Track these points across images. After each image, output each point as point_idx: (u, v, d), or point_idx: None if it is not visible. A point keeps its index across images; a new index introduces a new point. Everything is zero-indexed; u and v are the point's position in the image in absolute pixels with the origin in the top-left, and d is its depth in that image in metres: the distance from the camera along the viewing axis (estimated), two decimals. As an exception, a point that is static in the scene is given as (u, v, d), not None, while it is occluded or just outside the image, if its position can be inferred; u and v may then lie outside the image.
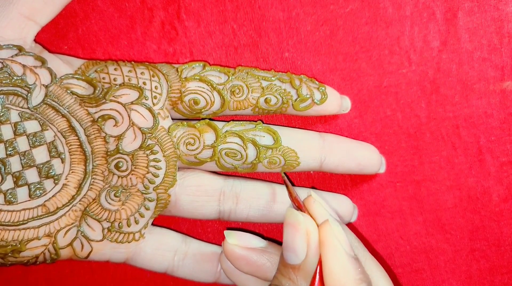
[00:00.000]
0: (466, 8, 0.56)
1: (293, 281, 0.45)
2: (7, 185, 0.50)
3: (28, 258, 0.51)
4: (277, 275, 0.47)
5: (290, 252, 0.45)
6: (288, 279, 0.45)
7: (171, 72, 0.53)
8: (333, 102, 0.55)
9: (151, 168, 0.53)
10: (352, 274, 0.43)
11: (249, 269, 0.51)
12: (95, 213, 0.52)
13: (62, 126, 0.51)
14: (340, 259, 0.44)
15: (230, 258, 0.51)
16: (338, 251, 0.44)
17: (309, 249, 0.45)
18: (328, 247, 0.44)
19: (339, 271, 0.43)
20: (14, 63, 0.50)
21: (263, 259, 0.51)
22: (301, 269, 0.45)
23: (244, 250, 0.51)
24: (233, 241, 0.51)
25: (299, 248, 0.45)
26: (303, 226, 0.45)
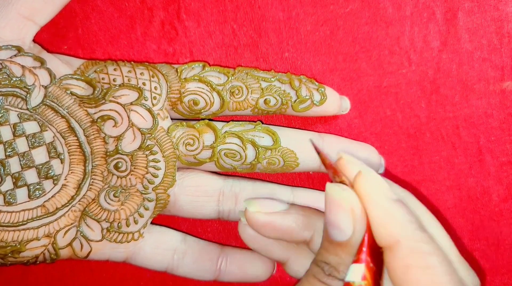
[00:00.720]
0: (466, 8, 0.55)
1: (340, 257, 0.43)
2: (7, 186, 0.50)
3: (28, 258, 0.51)
4: (321, 251, 0.45)
5: (335, 230, 0.43)
6: (335, 255, 0.44)
7: (171, 72, 0.53)
8: (333, 103, 0.55)
9: (150, 168, 0.53)
10: (399, 217, 0.41)
11: (275, 234, 0.51)
12: (94, 214, 0.52)
13: (61, 127, 0.51)
14: (382, 205, 0.41)
15: (255, 226, 0.51)
16: (378, 197, 0.42)
17: (356, 225, 0.42)
18: (368, 197, 0.42)
19: (384, 217, 0.41)
20: (13, 64, 0.50)
21: (289, 221, 0.50)
22: (349, 245, 0.43)
23: (268, 216, 0.50)
24: (255, 208, 0.50)
25: (345, 225, 0.42)
26: (347, 203, 0.42)
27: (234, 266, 0.56)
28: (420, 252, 0.40)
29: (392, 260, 0.41)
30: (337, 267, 0.43)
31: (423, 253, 0.40)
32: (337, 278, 0.43)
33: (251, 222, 0.51)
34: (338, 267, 0.43)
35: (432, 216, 0.46)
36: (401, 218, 0.41)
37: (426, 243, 0.41)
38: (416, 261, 0.40)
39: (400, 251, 0.40)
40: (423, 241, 0.41)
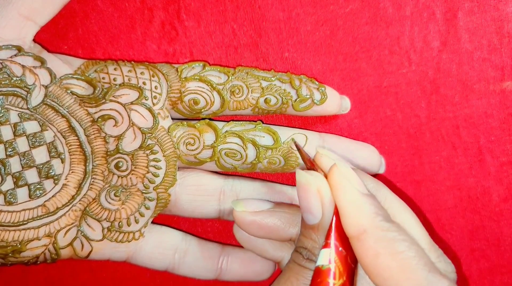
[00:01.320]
0: (466, 8, 0.56)
1: (314, 240, 0.45)
2: (7, 185, 0.50)
3: (28, 258, 0.51)
4: (300, 237, 0.47)
5: (306, 213, 0.45)
6: (310, 240, 0.45)
7: (171, 72, 0.53)
8: (333, 103, 0.55)
9: (151, 168, 0.53)
10: (367, 210, 0.43)
11: (262, 233, 0.51)
12: (95, 213, 0.52)
13: (62, 126, 0.51)
14: (351, 197, 0.43)
15: (241, 225, 0.52)
16: (348, 189, 0.44)
17: (324, 206, 0.45)
18: (338, 189, 0.44)
19: (352, 209, 0.43)
20: (13, 63, 0.50)
21: (274, 219, 0.51)
22: (320, 228, 0.45)
23: (253, 215, 0.51)
24: (241, 208, 0.52)
25: (314, 207, 0.45)
26: (313, 185, 0.45)
27: (235, 265, 0.57)
28: (388, 240, 0.42)
29: (360, 249, 0.42)
30: (313, 251, 0.45)
31: (390, 240, 0.42)
32: (314, 261, 0.45)
33: (238, 221, 0.52)
34: (313, 250, 0.45)
35: (404, 204, 0.48)
36: (368, 210, 0.43)
37: (393, 231, 0.42)
38: (384, 249, 0.41)
39: (368, 240, 0.42)
40: (389, 230, 0.42)
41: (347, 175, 0.44)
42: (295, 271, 0.46)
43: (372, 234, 0.42)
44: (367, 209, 0.43)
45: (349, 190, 0.44)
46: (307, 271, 0.45)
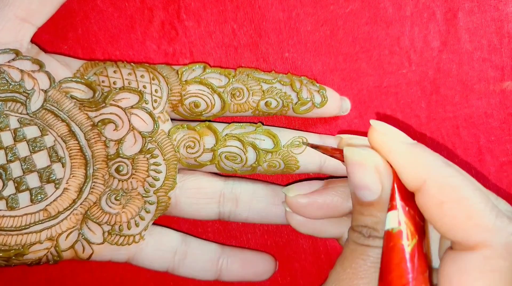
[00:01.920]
0: (466, 8, 0.55)
1: (375, 216, 0.43)
2: (9, 191, 0.50)
3: (31, 260, 0.52)
4: (356, 216, 0.44)
5: (364, 191, 0.43)
6: (370, 216, 0.43)
7: (171, 74, 0.53)
8: (333, 105, 0.55)
9: (151, 171, 0.53)
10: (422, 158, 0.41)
11: (320, 212, 0.51)
12: (96, 217, 0.52)
13: (62, 131, 0.51)
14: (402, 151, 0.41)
15: (298, 209, 0.51)
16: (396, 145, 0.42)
17: (383, 180, 0.42)
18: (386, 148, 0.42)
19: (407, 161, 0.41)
20: (12, 68, 0.50)
21: (330, 196, 0.50)
22: (381, 202, 0.43)
23: (309, 196, 0.50)
24: (294, 192, 0.51)
25: (373, 183, 0.42)
26: (369, 161, 0.42)
27: (235, 265, 0.57)
28: (451, 186, 0.40)
29: (424, 201, 0.41)
30: (376, 227, 0.43)
31: (453, 187, 0.40)
32: (378, 237, 0.43)
33: (294, 206, 0.51)
34: (376, 226, 0.43)
35: None
36: (424, 158, 0.41)
37: (455, 177, 0.40)
38: (448, 196, 0.39)
39: (430, 190, 0.40)
40: (451, 176, 0.40)
41: (389, 131, 0.43)
42: (358, 251, 0.43)
43: (433, 182, 0.40)
44: (422, 158, 0.41)
45: (397, 145, 0.42)
46: (372, 249, 0.43)
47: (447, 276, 0.39)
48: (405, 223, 0.41)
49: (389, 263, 0.41)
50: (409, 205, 0.42)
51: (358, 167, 0.43)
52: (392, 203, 0.42)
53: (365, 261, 0.43)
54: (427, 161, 0.41)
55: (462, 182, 0.40)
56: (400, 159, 0.41)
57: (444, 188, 0.40)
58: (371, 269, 0.43)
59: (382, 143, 0.42)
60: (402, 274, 0.40)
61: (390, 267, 0.41)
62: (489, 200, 0.40)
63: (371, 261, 0.43)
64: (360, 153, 0.43)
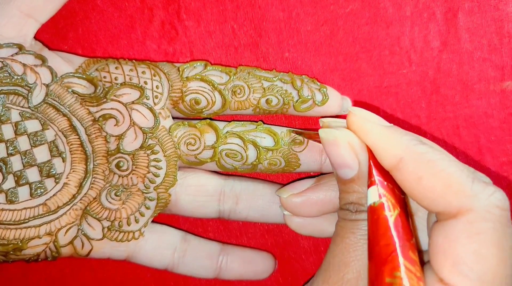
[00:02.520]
0: (466, 8, 0.56)
1: (358, 191, 0.45)
2: (9, 184, 0.50)
3: (29, 256, 0.51)
4: (342, 195, 0.46)
5: (343, 168, 0.45)
6: (353, 192, 0.45)
7: (173, 71, 0.54)
8: (334, 103, 0.55)
9: (151, 167, 0.53)
10: (397, 137, 0.43)
11: (316, 209, 0.51)
12: (96, 212, 0.52)
13: (63, 125, 0.51)
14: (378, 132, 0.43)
15: (293, 209, 0.52)
16: (372, 126, 0.43)
17: (358, 155, 0.44)
18: (363, 130, 0.44)
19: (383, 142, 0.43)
20: (14, 62, 0.50)
21: (323, 190, 0.51)
22: (360, 177, 0.44)
23: (302, 194, 0.51)
24: (287, 193, 0.52)
25: (350, 160, 0.44)
26: (343, 138, 0.44)
27: (235, 264, 0.57)
28: (426, 161, 0.41)
29: (402, 178, 0.42)
30: (360, 201, 0.45)
31: (429, 161, 0.41)
32: (364, 211, 0.44)
33: (290, 207, 0.52)
34: (360, 201, 0.45)
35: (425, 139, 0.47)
36: (399, 138, 0.43)
37: (430, 152, 0.42)
38: (425, 170, 0.41)
39: (407, 166, 0.41)
40: (426, 152, 0.42)
41: (365, 115, 0.44)
42: (348, 227, 0.45)
43: (409, 159, 0.41)
44: (397, 138, 0.43)
45: (373, 126, 0.43)
46: (360, 222, 0.44)
47: (437, 245, 0.40)
48: (384, 196, 0.43)
49: (375, 234, 0.42)
50: (387, 180, 0.43)
51: (333, 146, 0.45)
52: (370, 179, 0.43)
53: (355, 234, 0.44)
54: (402, 140, 0.42)
55: (437, 156, 0.41)
56: (376, 140, 0.43)
57: (420, 163, 0.41)
58: (361, 241, 0.44)
59: (359, 126, 0.44)
60: (388, 242, 0.41)
61: (377, 238, 0.42)
62: (465, 169, 0.41)
63: (361, 234, 0.44)
64: (333, 133, 0.45)
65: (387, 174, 0.43)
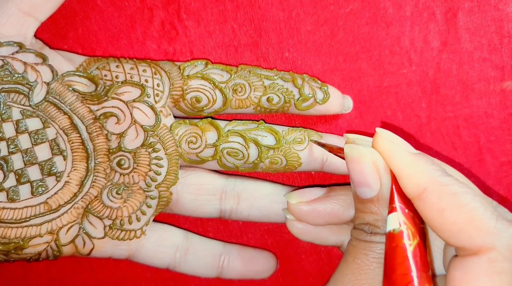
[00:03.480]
0: (466, 8, 0.56)
1: (376, 213, 0.44)
2: (10, 182, 0.50)
3: (31, 255, 0.51)
4: (357, 214, 0.45)
5: (363, 187, 0.44)
6: (370, 213, 0.44)
7: (173, 69, 0.54)
8: (335, 102, 0.55)
9: (153, 166, 0.53)
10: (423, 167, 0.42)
11: (323, 220, 0.51)
12: (97, 211, 0.52)
13: (64, 124, 0.51)
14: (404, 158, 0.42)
15: (300, 216, 0.51)
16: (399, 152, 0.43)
17: (381, 177, 0.43)
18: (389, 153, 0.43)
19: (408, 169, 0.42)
20: (15, 60, 0.50)
21: (331, 203, 0.51)
22: (380, 198, 0.44)
23: (311, 204, 0.51)
24: (296, 200, 0.51)
25: (372, 180, 0.43)
26: (368, 156, 0.43)
27: (237, 263, 0.57)
28: (450, 194, 0.40)
29: (424, 208, 0.41)
30: (376, 223, 0.44)
31: (453, 194, 0.40)
32: (379, 233, 0.44)
33: (296, 213, 0.51)
34: (376, 223, 0.44)
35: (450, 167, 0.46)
36: (425, 167, 0.42)
37: (455, 184, 0.41)
38: (448, 203, 0.40)
39: (430, 197, 0.41)
40: (450, 184, 0.41)
41: (393, 139, 0.44)
42: (361, 247, 0.44)
43: (433, 190, 0.41)
44: (423, 167, 0.42)
45: (400, 152, 0.43)
46: (374, 245, 0.44)
47: (455, 281, 0.40)
48: (405, 224, 0.42)
49: (393, 263, 0.41)
50: (408, 207, 0.43)
51: (357, 163, 0.44)
52: (391, 205, 0.43)
53: (367, 256, 0.44)
54: (428, 169, 0.42)
55: (461, 188, 0.40)
56: (401, 166, 0.42)
57: (444, 195, 0.40)
58: (373, 264, 0.43)
59: (386, 149, 0.43)
60: (406, 272, 0.41)
61: (394, 266, 0.41)
62: (489, 205, 0.40)
63: (373, 256, 0.44)
64: (359, 150, 0.44)
65: (408, 201, 0.43)
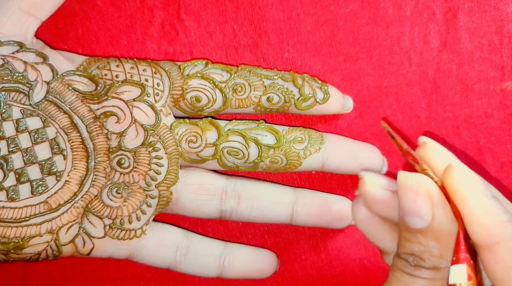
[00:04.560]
0: (466, 8, 0.56)
1: (423, 244, 0.42)
2: (10, 182, 0.50)
3: (30, 255, 0.51)
4: (403, 243, 0.43)
5: (414, 217, 0.42)
6: (417, 244, 0.42)
7: (173, 69, 0.54)
8: (336, 102, 0.55)
9: (153, 165, 0.52)
10: (498, 216, 0.39)
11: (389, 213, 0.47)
12: (97, 210, 0.52)
13: (64, 123, 0.51)
14: (478, 201, 0.39)
15: (370, 200, 0.47)
16: (474, 192, 0.40)
17: (435, 209, 0.41)
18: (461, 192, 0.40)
19: (482, 215, 0.39)
20: (15, 59, 0.50)
21: None
22: (430, 231, 0.41)
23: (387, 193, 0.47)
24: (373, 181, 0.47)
25: (424, 210, 0.41)
26: (423, 187, 0.41)
27: (238, 262, 0.56)
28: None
29: (491, 261, 0.39)
30: (422, 256, 0.42)
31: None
32: (424, 267, 0.42)
33: (368, 194, 0.47)
34: (422, 255, 0.42)
35: None
36: (500, 218, 0.39)
37: None
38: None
39: (500, 252, 0.39)
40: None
41: (469, 177, 0.41)
42: (404, 280, 0.42)
43: (505, 245, 0.39)
44: (498, 216, 0.39)
45: (475, 193, 0.40)
46: (417, 279, 0.42)
47: None
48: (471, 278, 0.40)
49: None
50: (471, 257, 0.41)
51: (410, 192, 0.42)
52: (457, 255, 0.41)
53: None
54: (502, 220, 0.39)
55: None
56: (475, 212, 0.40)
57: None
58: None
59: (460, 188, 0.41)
60: None
61: None
62: None
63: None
64: (413, 178, 0.42)
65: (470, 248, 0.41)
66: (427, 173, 0.42)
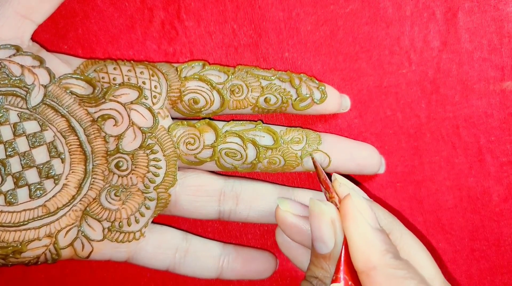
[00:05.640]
0: (466, 8, 0.56)
1: (325, 269, 0.45)
2: (7, 186, 0.50)
3: (29, 259, 0.51)
4: (310, 266, 0.47)
5: (319, 242, 0.46)
6: (321, 269, 0.46)
7: (171, 71, 0.53)
8: (333, 101, 0.55)
9: (151, 167, 0.53)
10: (377, 246, 0.43)
11: (299, 238, 0.51)
12: (96, 213, 0.52)
13: (61, 126, 0.51)
14: (362, 231, 0.44)
15: (282, 224, 0.51)
16: (360, 223, 0.44)
17: (337, 237, 0.45)
18: (350, 220, 0.44)
19: (362, 243, 0.43)
20: (12, 63, 0.50)
21: None
22: (332, 257, 0.45)
23: (296, 218, 0.51)
24: (286, 207, 0.51)
25: (327, 237, 0.45)
26: (327, 215, 0.45)
27: (237, 264, 0.57)
28: (396, 278, 0.42)
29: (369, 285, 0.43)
30: (324, 280, 0.46)
31: (399, 278, 0.42)
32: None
33: (280, 220, 0.51)
34: (325, 280, 0.46)
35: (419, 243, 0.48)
36: (379, 246, 0.43)
37: (402, 269, 0.43)
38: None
39: (377, 276, 0.43)
40: (398, 268, 0.43)
41: (360, 207, 0.45)
42: None
43: (381, 271, 0.42)
44: (378, 245, 0.43)
45: (360, 223, 0.44)
46: None
47: None
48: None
49: None
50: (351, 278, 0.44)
51: (317, 218, 0.46)
52: (337, 275, 0.44)
53: None
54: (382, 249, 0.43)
55: (408, 275, 0.43)
56: (358, 238, 0.44)
57: (390, 279, 0.42)
58: None
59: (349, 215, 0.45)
60: None
61: None
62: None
63: None
64: (320, 207, 0.46)
65: (354, 271, 0.44)
66: (334, 201, 0.47)
